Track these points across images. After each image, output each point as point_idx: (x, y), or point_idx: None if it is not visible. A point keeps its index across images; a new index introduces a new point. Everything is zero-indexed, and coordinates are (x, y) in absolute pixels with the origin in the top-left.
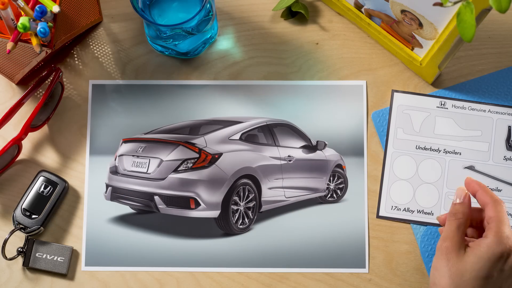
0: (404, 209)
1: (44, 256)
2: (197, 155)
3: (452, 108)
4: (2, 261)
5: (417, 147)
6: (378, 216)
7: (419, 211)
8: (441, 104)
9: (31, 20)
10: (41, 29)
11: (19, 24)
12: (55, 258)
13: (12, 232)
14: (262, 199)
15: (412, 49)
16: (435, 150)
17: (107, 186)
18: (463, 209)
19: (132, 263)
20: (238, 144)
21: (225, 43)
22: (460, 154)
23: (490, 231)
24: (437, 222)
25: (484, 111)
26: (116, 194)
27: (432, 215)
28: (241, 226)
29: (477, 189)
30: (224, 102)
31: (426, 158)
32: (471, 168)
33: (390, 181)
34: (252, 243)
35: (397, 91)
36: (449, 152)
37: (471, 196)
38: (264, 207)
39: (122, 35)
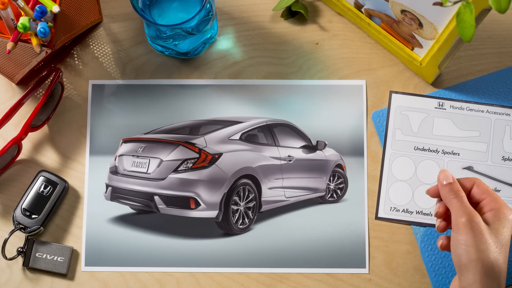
0: (403, 210)
1: (44, 256)
2: (197, 155)
3: (450, 108)
4: (2, 261)
5: (415, 148)
6: (377, 218)
7: (418, 212)
8: (439, 105)
9: (31, 20)
10: (41, 29)
11: (19, 24)
12: (55, 258)
13: (12, 232)
14: (262, 199)
15: (412, 49)
16: (434, 151)
17: (107, 186)
18: (458, 185)
19: (132, 263)
20: (238, 144)
21: (225, 43)
22: (459, 154)
23: (494, 201)
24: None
25: (482, 111)
26: (116, 194)
27: (431, 216)
28: (241, 226)
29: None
30: (224, 102)
31: (425, 159)
32: (469, 168)
33: (388, 182)
34: (252, 243)
35: (395, 92)
36: (447, 152)
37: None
38: (264, 207)
39: (122, 35)
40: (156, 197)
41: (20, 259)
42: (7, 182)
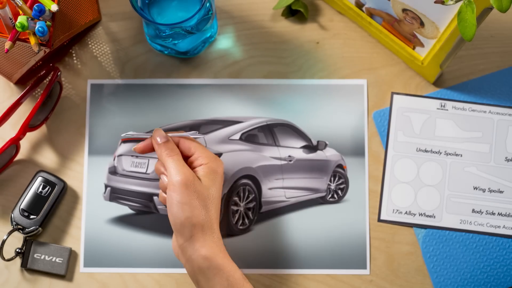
0: (406, 212)
1: (42, 257)
2: None
3: (452, 109)
4: (0, 262)
5: (417, 150)
6: (379, 220)
7: (420, 214)
8: (441, 106)
9: (29, 19)
10: (40, 28)
11: (17, 23)
12: (53, 259)
13: (10, 233)
14: (262, 199)
15: (414, 48)
16: (436, 152)
17: (106, 186)
18: (173, 144)
19: (131, 264)
20: (238, 144)
21: (225, 42)
22: (461, 156)
23: (201, 157)
24: (439, 225)
25: (485, 112)
26: (115, 195)
27: (434, 218)
28: (241, 227)
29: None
30: (224, 101)
31: (427, 161)
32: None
33: (391, 184)
34: (252, 243)
35: (396, 93)
36: (450, 154)
37: None
38: (265, 208)
39: (121, 34)
40: (155, 198)
41: (18, 260)
42: (5, 183)
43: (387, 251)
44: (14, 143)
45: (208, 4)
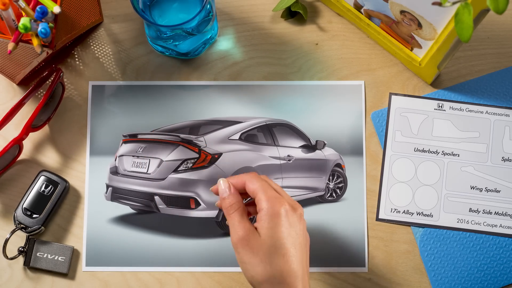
0: (404, 212)
1: (45, 256)
2: (197, 155)
3: (449, 110)
4: (3, 260)
5: (415, 150)
6: (377, 219)
7: (418, 213)
8: (439, 106)
9: (32, 20)
10: (42, 30)
11: (20, 24)
12: (56, 258)
13: (13, 232)
14: None
15: (411, 50)
16: (434, 152)
17: (108, 186)
18: (236, 198)
19: (133, 263)
20: (238, 144)
21: (225, 44)
22: (459, 155)
23: (260, 201)
24: (436, 223)
25: (482, 112)
26: (116, 195)
27: (432, 217)
28: None
29: (235, 182)
30: (224, 102)
31: (425, 160)
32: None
33: (389, 183)
34: None
35: (395, 94)
36: (447, 154)
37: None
38: None
39: (122, 36)
40: (156, 197)
41: (21, 259)
42: (8, 182)
43: (385, 250)
44: (17, 143)
45: (208, 6)
